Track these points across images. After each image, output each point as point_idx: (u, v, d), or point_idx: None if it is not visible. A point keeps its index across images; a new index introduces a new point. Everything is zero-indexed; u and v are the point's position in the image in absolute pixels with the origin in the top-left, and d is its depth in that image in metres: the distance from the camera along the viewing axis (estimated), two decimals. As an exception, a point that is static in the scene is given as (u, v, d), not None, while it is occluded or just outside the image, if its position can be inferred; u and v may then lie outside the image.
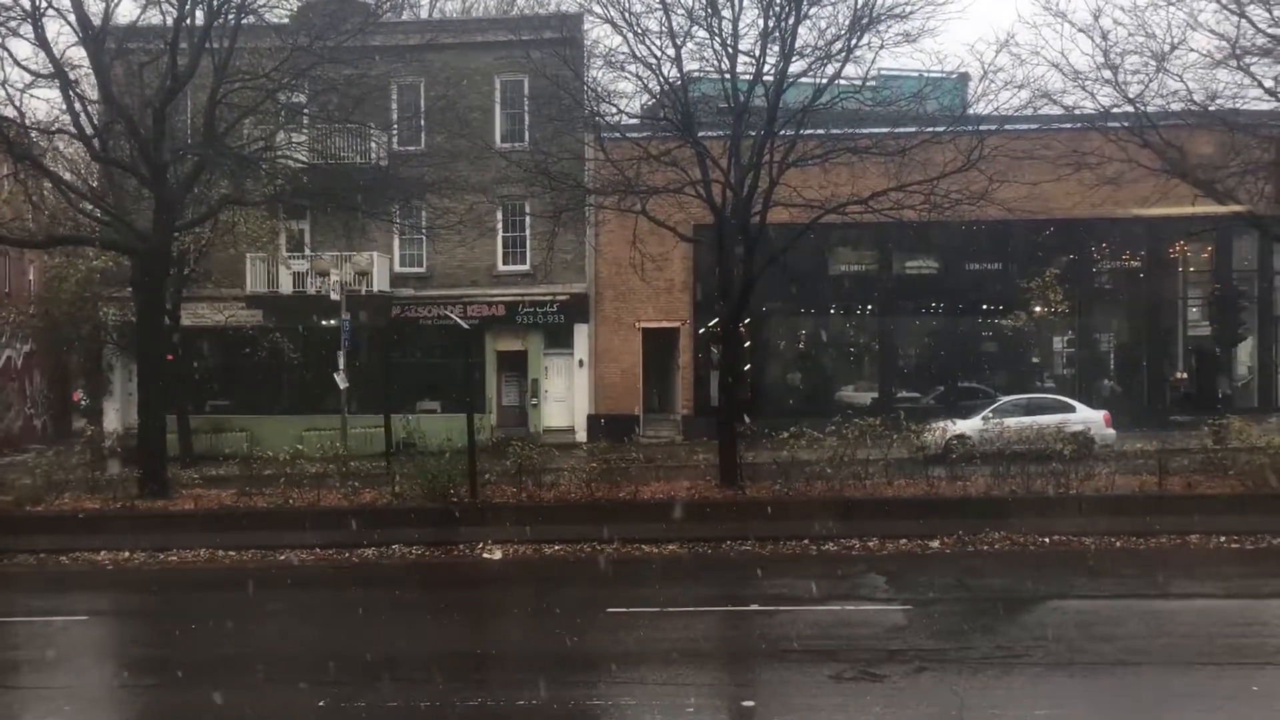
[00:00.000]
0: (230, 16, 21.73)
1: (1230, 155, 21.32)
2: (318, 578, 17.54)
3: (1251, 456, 20.18)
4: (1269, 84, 20.51)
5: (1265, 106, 21.64)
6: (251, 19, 22.45)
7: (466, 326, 26.33)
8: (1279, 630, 13.18)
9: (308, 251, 32.76)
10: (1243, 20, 20.00)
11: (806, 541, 18.21)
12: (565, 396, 34.00)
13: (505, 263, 33.81)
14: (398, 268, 33.70)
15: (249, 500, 20.85)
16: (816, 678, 11.26)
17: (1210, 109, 20.88)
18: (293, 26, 24.26)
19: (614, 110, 22.20)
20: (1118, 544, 17.72)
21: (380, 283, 32.59)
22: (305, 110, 25.86)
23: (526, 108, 31.35)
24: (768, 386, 34.66)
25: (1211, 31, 20.47)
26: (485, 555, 18.38)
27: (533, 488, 20.63)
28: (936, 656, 11.88)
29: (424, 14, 40.90)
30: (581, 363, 33.76)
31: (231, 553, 18.87)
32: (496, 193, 31.63)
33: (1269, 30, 20.09)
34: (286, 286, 32.92)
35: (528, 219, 32.18)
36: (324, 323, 32.21)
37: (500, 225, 33.40)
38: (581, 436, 32.74)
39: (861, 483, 19.94)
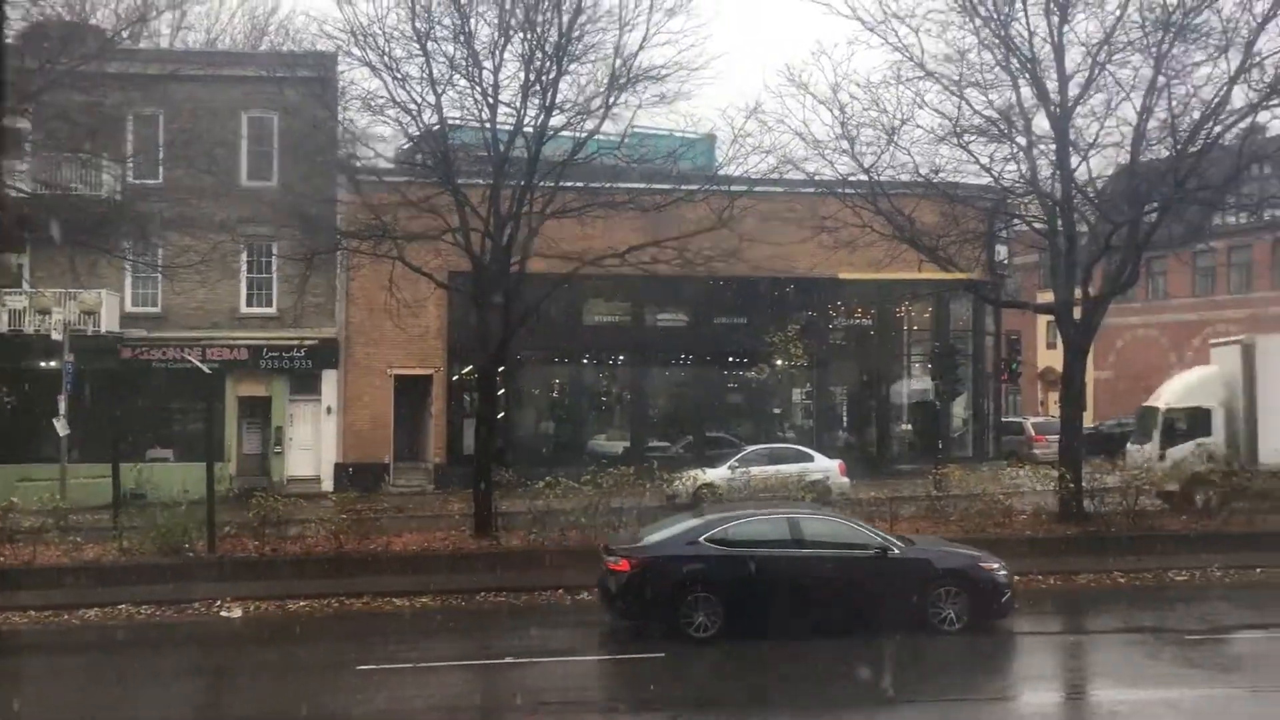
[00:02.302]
0: (-55, 31, 19.97)
1: (951, 225, 23.16)
2: (33, 642, 16.06)
3: (969, 503, 21.78)
4: (985, 161, 22.52)
5: (982, 181, 23.68)
6: (-30, 36, 20.72)
7: (208, 371, 24.98)
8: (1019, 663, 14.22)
9: (27, 288, 30.28)
10: (962, 102, 21.92)
11: (561, 591, 18.22)
12: (312, 444, 32.77)
13: (250, 305, 32.38)
14: (130, 307, 31.64)
15: (-49, 559, 18.93)
16: (574, 730, 11.27)
17: (934, 181, 22.66)
18: (20, 47, 22.54)
19: (371, 154, 21.85)
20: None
21: (109, 323, 30.46)
22: (30, 137, 24.02)
23: (276, 145, 30.34)
24: (522, 435, 34.64)
25: (936, 110, 22.33)
26: (224, 614, 17.36)
27: (276, 540, 19.73)
28: (694, 703, 12.13)
29: (165, 44, 38.91)
30: (330, 409, 32.69)
31: (-71, 617, 17.03)
32: (242, 232, 30.32)
33: (984, 112, 22.09)
34: (1, 324, 30.30)
35: (275, 260, 31.00)
36: (43, 364, 29.78)
37: (245, 266, 32.00)
38: (328, 486, 31.58)
39: (616, 531, 20.15)
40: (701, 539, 15.07)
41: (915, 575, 14.99)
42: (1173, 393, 26.64)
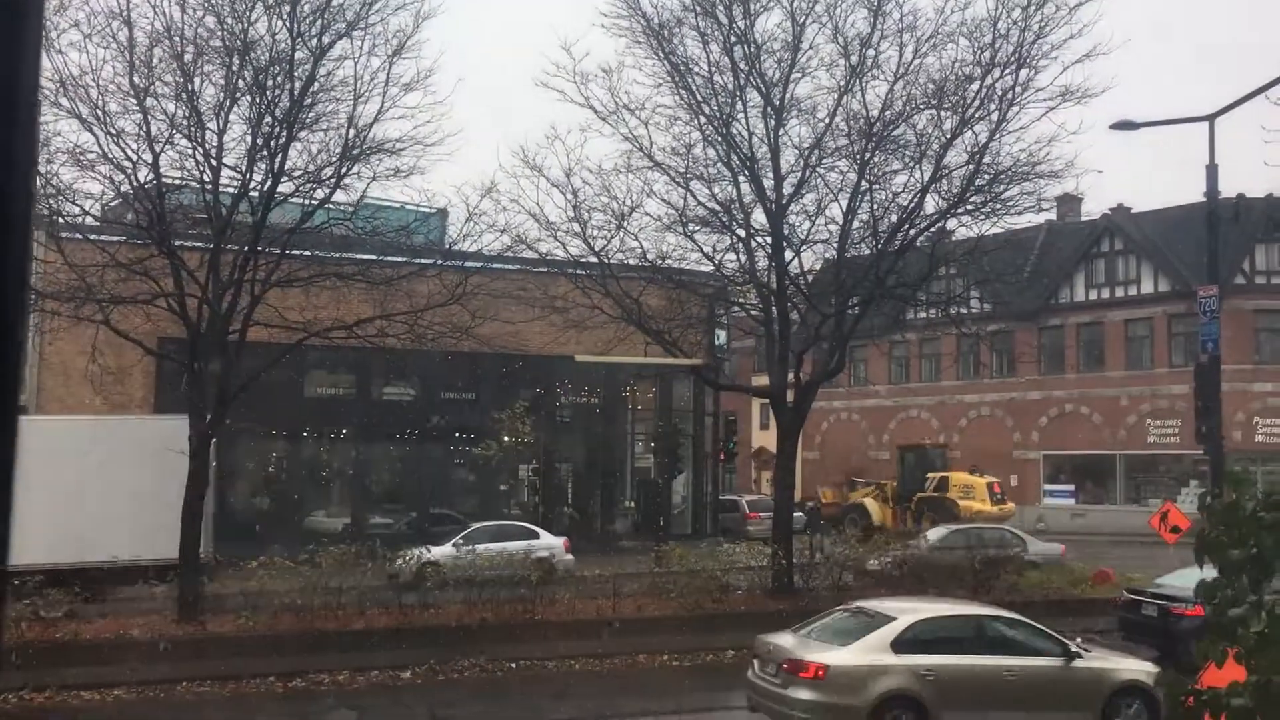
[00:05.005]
0: None
1: (676, 309, 24.11)
2: None
3: (690, 580, 22.35)
4: (708, 250, 23.67)
5: (704, 269, 24.82)
6: None
7: None
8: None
9: None
10: (687, 194, 23.01)
11: (273, 679, 17.27)
12: (-10, 522, 29.71)
13: (-77, 366, 29.26)
14: None
15: None
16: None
17: (660, 266, 23.56)
18: None
19: (78, 211, 20.37)
20: (577, 666, 18.72)
21: None
22: None
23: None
24: (233, 512, 32.75)
25: (663, 200, 23.32)
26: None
27: (-56, 631, 17.66)
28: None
29: None
30: (13, 484, 29.81)
31: None
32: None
33: (708, 204, 23.27)
34: None
35: (-44, 319, 28.18)
36: None
37: (-81, 323, 28.92)
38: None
39: (334, 613, 19.35)
40: None
41: None
42: None
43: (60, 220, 20.54)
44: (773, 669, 13.02)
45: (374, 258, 21.54)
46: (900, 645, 12.83)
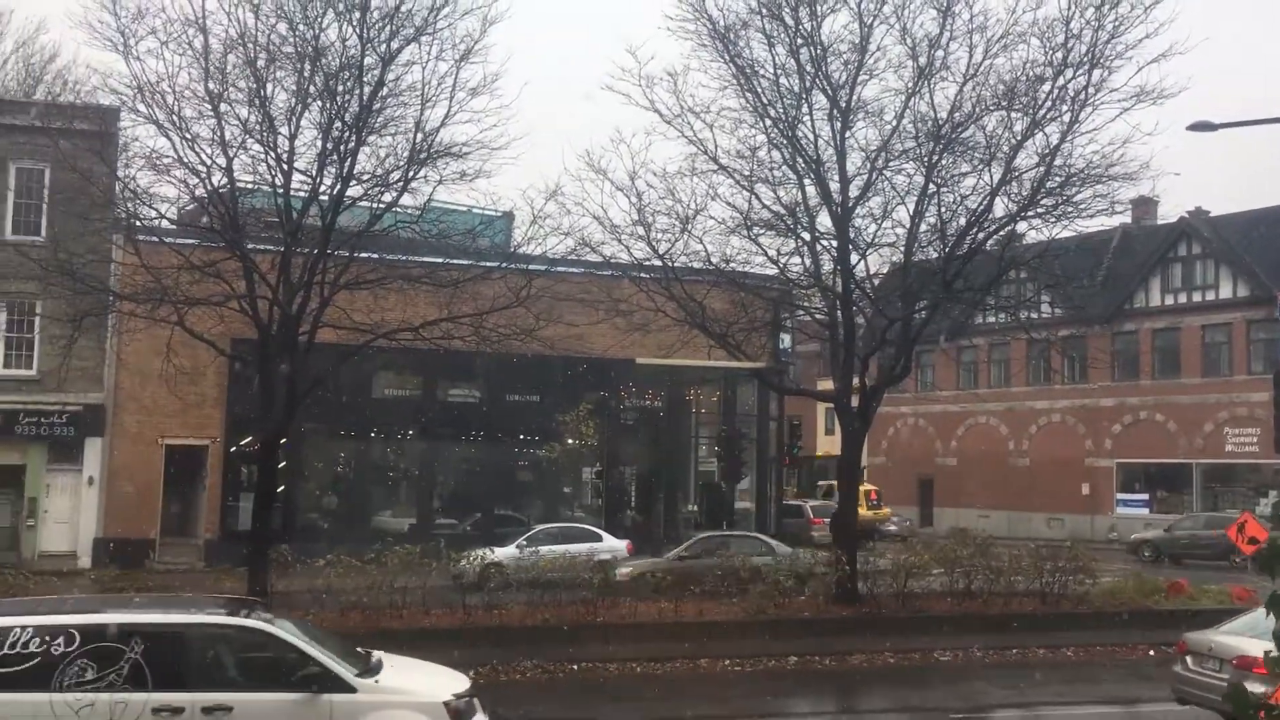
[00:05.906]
0: None
1: (740, 313, 23.98)
2: None
3: (752, 584, 22.23)
4: (772, 253, 23.51)
5: (769, 272, 24.66)
6: None
7: (-47, 436, 23.07)
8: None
9: None
10: (752, 197, 22.86)
11: (338, 675, 17.48)
12: (70, 518, 30.57)
13: (6, 366, 30.19)
14: None
15: None
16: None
17: (724, 270, 23.45)
18: None
19: (154, 214, 20.85)
20: (638, 669, 18.68)
21: None
22: None
23: (47, 199, 28.66)
24: (303, 510, 33.37)
25: (728, 203, 23.18)
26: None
27: (24, 622, 18.13)
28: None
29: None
30: (91, 480, 30.64)
31: None
32: (2, 289, 28.35)
33: (772, 207, 23.11)
34: None
35: (38, 320, 29.05)
36: None
37: (4, 324, 29.88)
38: (86, 562, 29.50)
39: (399, 612, 19.56)
40: None
41: None
42: None
43: (137, 223, 21.06)
44: (1216, 665, 13.76)
45: (440, 260, 21.74)
46: None
